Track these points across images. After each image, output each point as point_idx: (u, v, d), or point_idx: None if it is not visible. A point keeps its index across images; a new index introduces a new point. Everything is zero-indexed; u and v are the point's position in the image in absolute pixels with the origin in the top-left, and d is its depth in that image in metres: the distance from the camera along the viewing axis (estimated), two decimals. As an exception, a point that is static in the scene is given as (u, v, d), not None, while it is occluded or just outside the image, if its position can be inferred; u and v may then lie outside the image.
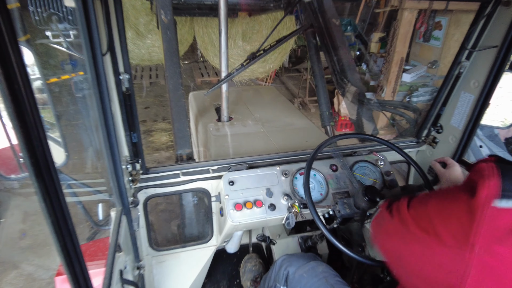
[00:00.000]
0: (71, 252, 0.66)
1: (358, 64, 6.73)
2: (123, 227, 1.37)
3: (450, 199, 0.87)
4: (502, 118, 1.77)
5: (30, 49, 1.43)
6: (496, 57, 1.51)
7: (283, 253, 2.27)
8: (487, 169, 0.81)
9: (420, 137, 2.02)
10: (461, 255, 0.78)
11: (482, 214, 0.75)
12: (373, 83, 6.30)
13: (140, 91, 7.31)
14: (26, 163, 0.54)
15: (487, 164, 0.84)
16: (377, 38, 7.06)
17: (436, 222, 0.86)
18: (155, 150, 5.22)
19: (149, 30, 5.87)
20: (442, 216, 0.86)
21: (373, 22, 7.41)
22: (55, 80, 4.74)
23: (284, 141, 2.20)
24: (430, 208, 0.92)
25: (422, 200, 1.00)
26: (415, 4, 5.04)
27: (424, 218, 0.91)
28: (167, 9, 2.09)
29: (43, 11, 4.02)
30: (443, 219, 0.85)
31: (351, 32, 7.30)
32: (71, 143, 4.50)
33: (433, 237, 0.85)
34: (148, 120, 6.24)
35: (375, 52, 7.01)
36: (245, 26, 6.09)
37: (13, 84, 0.47)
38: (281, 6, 4.07)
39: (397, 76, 5.58)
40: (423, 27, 5.94)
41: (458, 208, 0.82)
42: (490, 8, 1.48)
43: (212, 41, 5.98)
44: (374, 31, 7.19)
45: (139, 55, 6.08)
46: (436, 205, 0.91)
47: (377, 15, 7.31)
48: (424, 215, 0.92)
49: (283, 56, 6.64)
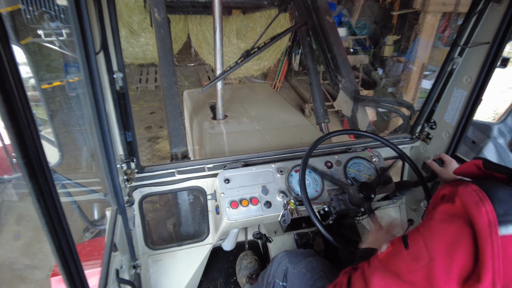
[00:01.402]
0: (66, 252, 0.66)
1: (373, 69, 6.52)
2: (118, 227, 1.37)
3: (450, 243, 0.75)
4: (494, 108, 1.79)
5: (22, 47, 1.41)
6: (488, 53, 1.53)
7: (279, 250, 2.28)
8: (473, 194, 0.75)
9: (414, 133, 2.03)
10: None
11: (493, 245, 0.69)
12: (390, 89, 5.93)
13: (145, 95, 6.92)
14: (19, 163, 0.53)
15: (470, 187, 0.77)
16: (391, 41, 6.81)
17: (452, 268, 0.74)
18: (162, 159, 4.85)
19: (142, 29, 5.84)
20: (455, 263, 0.73)
21: (387, 24, 7.19)
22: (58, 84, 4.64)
23: (279, 139, 2.21)
24: (437, 262, 0.76)
25: (415, 256, 0.80)
26: (440, 7, 4.63)
27: (439, 277, 0.76)
28: (160, 7, 2.08)
29: (34, 10, 3.97)
30: (455, 264, 0.73)
31: (366, 35, 7.07)
32: (66, 144, 4.46)
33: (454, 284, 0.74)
34: (154, 127, 5.75)
35: (389, 56, 6.68)
36: (239, 24, 6.08)
37: (4, 84, 0.47)
38: (275, 4, 4.07)
39: (418, 82, 5.13)
40: (447, 31, 5.52)
41: (463, 249, 0.73)
42: (482, 5, 1.50)
43: (206, 39, 5.96)
44: (388, 34, 6.96)
45: (133, 54, 6.04)
46: (442, 252, 0.76)
47: (391, 17, 7.09)
48: (432, 271, 0.76)
49: (277, 53, 6.64)
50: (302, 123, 2.52)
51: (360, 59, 6.33)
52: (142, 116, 6.02)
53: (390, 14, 7.03)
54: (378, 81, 6.28)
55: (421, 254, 0.79)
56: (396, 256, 0.85)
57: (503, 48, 1.50)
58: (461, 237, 0.74)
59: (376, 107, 2.38)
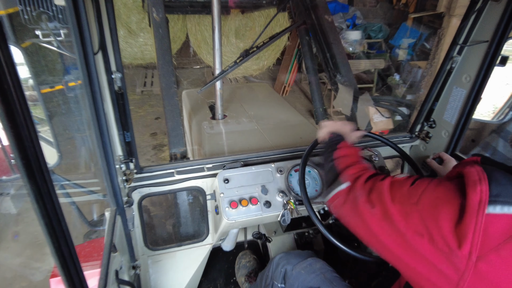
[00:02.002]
0: (65, 253, 0.66)
1: (389, 74, 6.23)
2: (118, 227, 1.37)
3: (443, 201, 0.84)
4: (492, 105, 1.79)
5: (20, 48, 1.41)
6: (486, 52, 1.53)
7: (279, 250, 2.27)
8: (475, 174, 0.80)
9: (413, 132, 2.03)
10: (455, 262, 0.77)
11: (477, 222, 0.74)
12: (410, 97, 5.63)
13: (150, 99, 6.55)
14: (18, 164, 0.53)
15: (474, 168, 0.82)
16: (406, 44, 6.52)
17: (429, 224, 0.82)
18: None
19: (141, 29, 5.82)
20: (435, 218, 0.82)
21: (395, 25, 6.98)
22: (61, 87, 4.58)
23: (279, 138, 2.20)
24: (422, 206, 0.86)
25: (409, 193, 0.93)
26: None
27: (414, 217, 0.86)
28: (158, 7, 2.08)
29: (32, 10, 3.96)
30: (436, 222, 0.81)
31: (381, 39, 6.85)
32: (65, 144, 4.42)
33: (426, 239, 0.82)
34: (159, 133, 5.41)
35: (403, 59, 6.45)
36: (238, 23, 6.07)
37: (2, 84, 0.47)
38: (274, 3, 4.06)
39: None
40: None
41: (450, 212, 0.80)
42: (481, 3, 1.50)
43: (205, 38, 5.95)
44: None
45: (132, 54, 6.01)
46: (430, 204, 0.86)
47: (405, 19, 6.85)
48: (414, 214, 0.87)
49: (276, 53, 6.62)
50: (301, 123, 2.51)
51: (375, 64, 6.16)
52: (147, 122, 5.75)
53: (405, 16, 6.81)
54: (395, 88, 6.02)
55: (414, 196, 0.90)
56: (401, 186, 0.97)
57: (502, 47, 1.50)
58: (451, 199, 0.82)
59: (375, 106, 2.37)
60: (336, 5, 7.35)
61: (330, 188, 1.22)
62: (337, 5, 7.38)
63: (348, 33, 6.54)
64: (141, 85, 6.80)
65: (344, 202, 1.13)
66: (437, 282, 0.82)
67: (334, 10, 7.31)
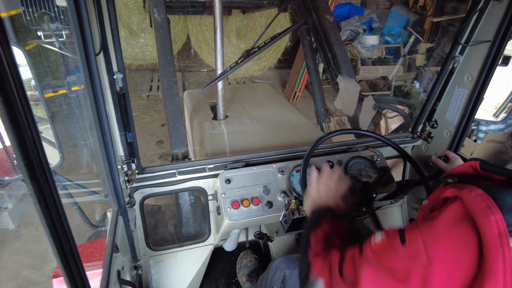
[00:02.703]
0: (67, 253, 0.66)
1: (406, 81, 5.83)
2: (119, 228, 1.37)
3: (458, 248, 0.70)
4: (494, 102, 1.79)
5: (22, 49, 1.41)
6: (489, 52, 1.53)
7: (280, 250, 2.27)
8: (480, 200, 0.70)
9: (415, 132, 2.03)
10: None
11: (504, 257, 0.64)
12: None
13: (156, 104, 6.23)
14: (20, 164, 0.53)
15: (475, 192, 0.72)
16: (424, 49, 6.04)
17: (454, 277, 0.70)
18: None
19: (142, 29, 5.83)
20: (458, 268, 0.69)
21: (418, 30, 6.53)
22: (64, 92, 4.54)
23: (280, 139, 2.20)
24: (437, 264, 0.72)
25: (410, 254, 0.76)
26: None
27: (435, 281, 0.72)
28: (160, 7, 2.08)
29: (34, 11, 3.97)
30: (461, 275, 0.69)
31: (400, 44, 6.39)
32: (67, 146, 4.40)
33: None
34: (165, 141, 5.07)
35: (421, 65, 5.91)
36: (239, 24, 6.07)
37: (5, 85, 0.47)
38: (275, 4, 4.06)
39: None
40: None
41: (466, 256, 0.68)
42: (483, 3, 1.49)
43: (206, 39, 5.94)
44: (420, 41, 6.33)
45: (133, 54, 6.01)
46: (448, 259, 0.71)
47: (423, 22, 6.49)
48: (436, 277, 0.72)
49: (277, 53, 6.60)
50: (303, 123, 2.51)
51: (394, 70, 5.91)
52: (153, 129, 5.46)
53: (422, 19, 6.47)
54: (414, 97, 5.57)
55: (419, 255, 0.74)
56: (391, 251, 0.80)
57: (504, 46, 1.49)
58: (466, 244, 0.70)
59: (377, 106, 2.37)
60: (351, 8, 7.15)
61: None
62: (352, 7, 7.17)
63: (365, 37, 6.30)
64: (146, 89, 6.60)
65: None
66: None
67: (349, 12, 7.11)
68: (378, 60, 6.28)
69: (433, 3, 6.39)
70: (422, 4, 6.71)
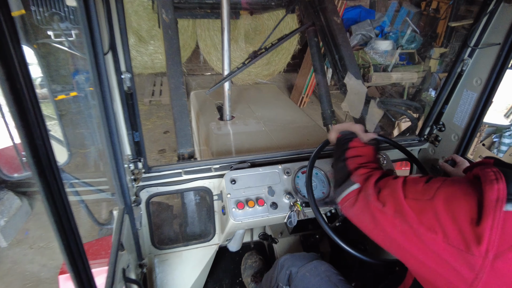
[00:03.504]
0: (74, 250, 0.67)
1: (423, 90, 5.50)
2: (125, 226, 1.38)
3: (462, 196, 0.82)
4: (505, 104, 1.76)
5: (33, 48, 1.43)
6: (498, 55, 1.51)
7: (285, 251, 2.27)
8: (492, 174, 0.80)
9: (422, 135, 2.01)
10: (471, 260, 0.75)
11: (494, 219, 0.73)
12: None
13: (158, 110, 5.93)
14: (29, 162, 0.54)
15: (490, 169, 0.82)
16: (437, 54, 5.83)
17: (444, 220, 0.81)
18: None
19: (151, 36, 5.79)
20: (451, 214, 0.80)
21: (431, 34, 6.33)
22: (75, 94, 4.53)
23: (286, 140, 2.20)
24: (437, 202, 0.84)
25: (424, 189, 0.91)
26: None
27: (428, 213, 0.85)
28: (168, 7, 2.09)
29: (45, 11, 4.03)
30: (452, 218, 0.80)
31: (414, 49, 6.14)
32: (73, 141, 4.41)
33: (440, 235, 0.81)
34: (168, 150, 4.81)
35: (434, 71, 5.76)
36: (247, 27, 6.02)
37: (15, 83, 0.47)
38: (283, 5, 4.06)
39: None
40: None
41: (467, 209, 0.79)
42: (493, 6, 1.48)
43: (214, 44, 5.89)
44: (433, 46, 6.09)
45: (142, 63, 5.90)
46: (445, 200, 0.84)
47: (436, 26, 6.22)
48: (429, 210, 0.85)
49: (287, 57, 6.47)
50: (309, 124, 2.51)
51: (407, 77, 5.67)
52: (155, 136, 5.19)
53: (434, 23, 6.20)
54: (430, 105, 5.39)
55: (429, 192, 0.89)
56: (415, 182, 0.96)
57: None
58: (467, 196, 0.81)
59: (384, 109, 2.36)
60: (361, 11, 6.77)
61: (341, 188, 1.20)
62: (362, 10, 6.79)
63: (379, 43, 6.05)
64: (149, 94, 6.29)
65: (355, 203, 1.11)
66: (452, 280, 0.81)
67: (360, 16, 6.74)
68: (390, 65, 6.06)
69: (449, 6, 6.14)
70: (435, 7, 6.44)
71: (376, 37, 6.46)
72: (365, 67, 6.04)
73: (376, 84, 6.18)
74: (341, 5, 5.92)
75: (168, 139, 5.11)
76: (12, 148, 1.41)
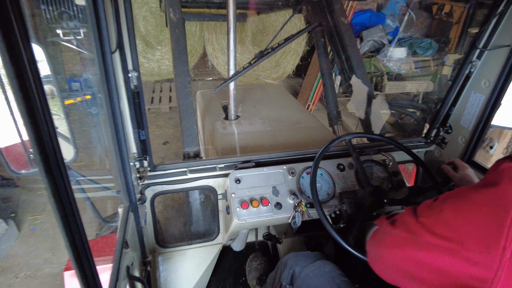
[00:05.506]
0: (79, 247, 0.67)
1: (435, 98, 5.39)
2: (130, 224, 1.39)
3: (471, 202, 0.83)
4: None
5: (41, 46, 1.44)
6: (508, 57, 1.49)
7: (289, 252, 2.26)
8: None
9: (429, 137, 2.00)
10: (490, 259, 0.75)
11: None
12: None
13: (157, 118, 5.60)
14: (36, 159, 0.55)
15: (510, 164, 0.82)
16: (451, 61, 5.59)
17: (457, 226, 0.81)
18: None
19: (159, 41, 5.72)
20: (464, 220, 0.81)
21: (444, 40, 6.05)
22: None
23: (291, 140, 2.20)
24: (446, 213, 0.86)
25: (432, 206, 0.94)
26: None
27: (440, 224, 0.86)
28: (175, 7, 2.10)
29: (54, 10, 4.08)
30: (467, 223, 0.80)
31: (430, 56, 5.84)
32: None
33: (454, 243, 0.81)
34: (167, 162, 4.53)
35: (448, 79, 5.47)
36: (254, 30, 5.96)
37: (24, 81, 0.48)
38: (290, 5, 4.05)
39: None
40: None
41: (483, 211, 0.79)
42: (503, 7, 1.46)
43: (222, 48, 5.79)
44: (446, 52, 5.81)
45: (149, 70, 5.81)
46: (454, 209, 0.85)
47: (448, 31, 5.94)
48: (440, 221, 0.87)
49: (295, 59, 6.40)
50: (314, 125, 2.50)
51: (423, 86, 5.43)
52: (153, 147, 4.43)
53: (447, 28, 5.89)
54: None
55: (437, 206, 0.91)
56: (425, 203, 0.99)
57: None
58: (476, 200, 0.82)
59: (391, 110, 2.34)
60: (371, 15, 6.46)
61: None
62: (372, 14, 6.47)
63: (393, 50, 5.78)
64: (147, 101, 6.01)
65: (374, 236, 1.21)
66: (470, 283, 0.80)
67: (369, 20, 6.45)
68: (404, 73, 5.81)
69: (464, 10, 5.78)
70: (448, 11, 6.12)
71: (389, 43, 6.17)
72: (378, 76, 5.77)
73: (390, 93, 5.95)
74: (350, 8, 5.72)
75: (167, 150, 4.77)
76: (20, 145, 1.43)
